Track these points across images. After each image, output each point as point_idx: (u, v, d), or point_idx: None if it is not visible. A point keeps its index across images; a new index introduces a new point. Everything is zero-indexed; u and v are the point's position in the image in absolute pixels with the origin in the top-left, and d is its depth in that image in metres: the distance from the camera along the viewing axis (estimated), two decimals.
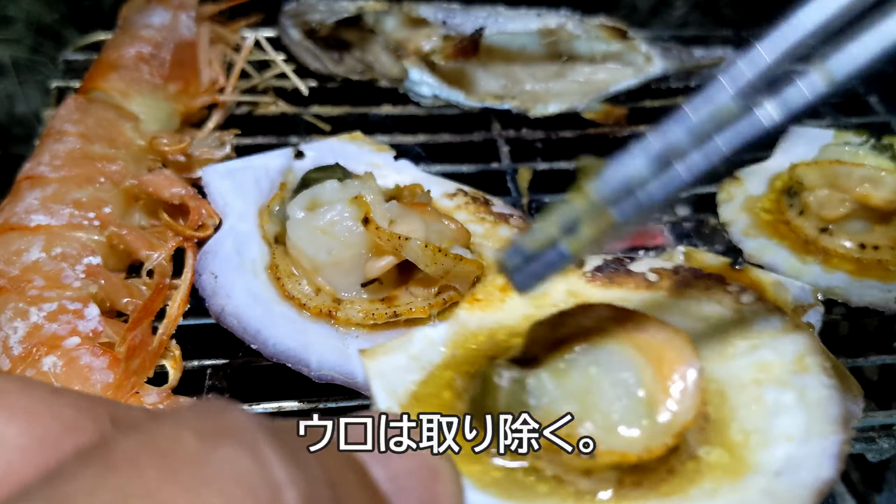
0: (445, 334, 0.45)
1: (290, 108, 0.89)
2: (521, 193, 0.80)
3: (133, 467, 0.20)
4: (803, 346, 0.41)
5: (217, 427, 0.22)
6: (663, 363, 0.39)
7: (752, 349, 0.42)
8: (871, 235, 0.70)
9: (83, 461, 0.21)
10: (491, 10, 0.88)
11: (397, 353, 0.44)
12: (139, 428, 0.22)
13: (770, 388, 0.40)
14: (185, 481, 0.20)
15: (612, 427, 0.37)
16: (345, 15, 0.88)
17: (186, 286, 0.62)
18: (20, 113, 0.94)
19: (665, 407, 0.38)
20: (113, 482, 0.20)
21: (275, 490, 0.21)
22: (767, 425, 0.39)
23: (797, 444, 0.38)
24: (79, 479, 0.20)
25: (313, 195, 0.61)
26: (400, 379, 0.42)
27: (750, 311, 0.43)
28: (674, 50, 0.93)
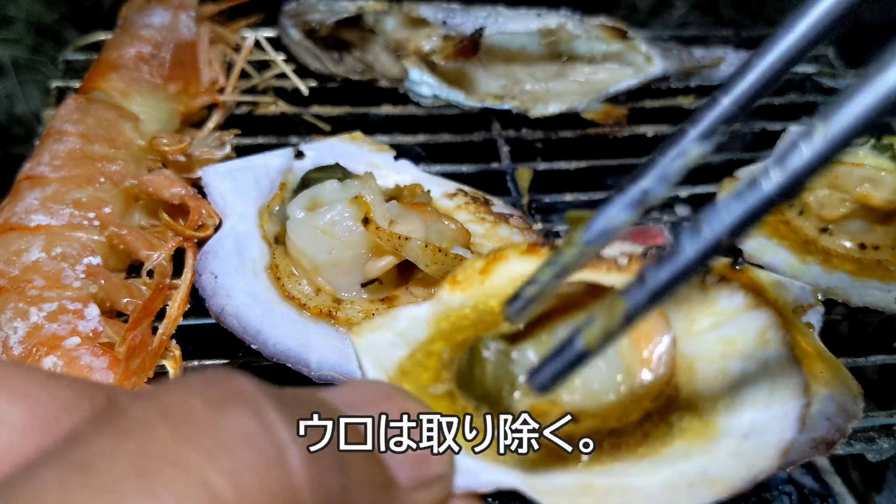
0: (429, 313, 0.47)
1: (290, 108, 0.89)
2: (521, 193, 0.81)
3: (147, 432, 0.22)
4: (765, 322, 0.44)
5: (223, 393, 0.23)
6: (639, 333, 0.42)
7: (717, 325, 0.45)
8: (872, 235, 0.70)
9: (97, 427, 0.22)
10: (491, 10, 0.88)
11: (383, 330, 0.46)
12: (149, 396, 0.23)
13: (735, 360, 0.43)
14: (197, 444, 0.21)
15: (592, 394, 0.40)
16: (345, 15, 0.88)
17: (186, 286, 0.62)
18: (20, 113, 0.94)
19: (641, 373, 0.41)
20: (129, 446, 0.21)
21: (280, 450, 0.22)
22: (734, 393, 0.42)
23: (762, 410, 0.40)
24: (95, 444, 0.21)
25: (313, 195, 0.61)
26: (387, 353, 0.44)
27: (714, 290, 0.46)
28: (674, 50, 0.93)
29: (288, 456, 0.22)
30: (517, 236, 0.68)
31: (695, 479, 0.37)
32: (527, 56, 0.90)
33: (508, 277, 0.49)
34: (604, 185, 0.92)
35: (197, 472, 0.21)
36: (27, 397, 0.25)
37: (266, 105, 0.88)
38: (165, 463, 0.21)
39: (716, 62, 0.94)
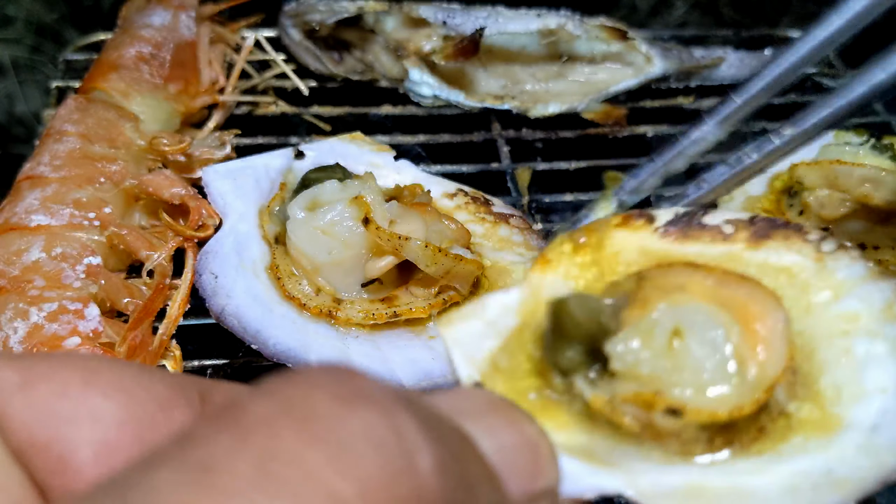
0: (519, 299, 0.43)
1: (290, 108, 0.89)
2: (521, 193, 0.81)
3: (270, 430, 0.20)
4: (891, 293, 0.39)
5: (351, 391, 0.22)
6: (748, 317, 0.38)
7: (837, 299, 0.40)
8: (872, 236, 0.70)
9: (217, 426, 0.21)
10: (491, 11, 0.88)
11: (472, 319, 0.42)
12: (271, 392, 0.22)
13: (859, 340, 0.38)
14: (323, 444, 0.20)
15: (700, 386, 0.36)
16: (345, 15, 0.88)
17: (187, 286, 0.62)
18: (20, 113, 0.94)
19: (753, 362, 0.37)
20: (251, 445, 0.20)
21: (410, 455, 0.21)
22: (859, 378, 0.38)
23: (892, 396, 0.36)
24: (215, 443, 0.20)
25: (313, 195, 0.61)
26: (477, 346, 0.41)
27: (832, 259, 0.41)
28: (674, 50, 0.93)
29: (419, 462, 0.21)
30: (517, 236, 0.68)
31: (818, 480, 0.34)
32: (527, 56, 0.90)
33: (606, 255, 0.45)
34: (604, 185, 0.92)
35: (322, 475, 0.20)
36: (121, 392, 0.24)
37: (266, 105, 0.88)
38: (290, 465, 0.20)
39: (716, 62, 0.94)
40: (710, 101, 0.94)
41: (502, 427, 0.27)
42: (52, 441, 0.23)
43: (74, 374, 0.24)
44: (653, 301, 0.39)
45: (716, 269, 0.40)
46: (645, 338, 0.38)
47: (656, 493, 0.33)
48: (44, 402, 0.23)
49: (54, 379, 0.24)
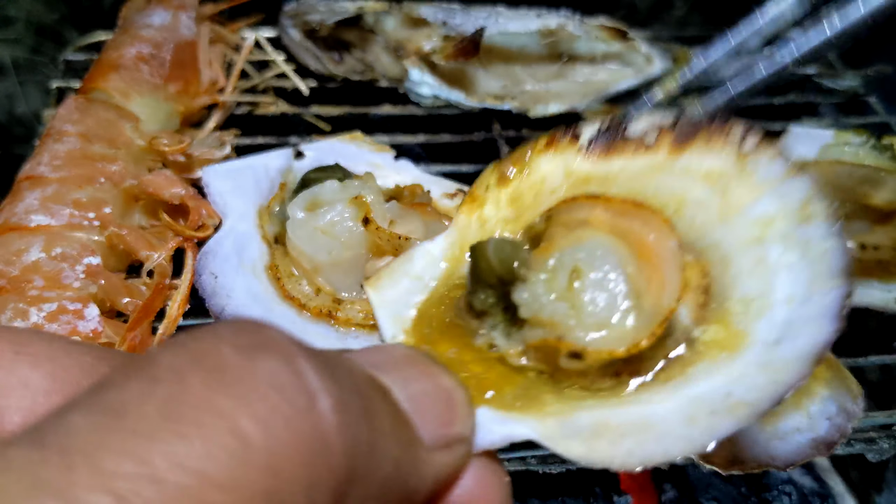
0: (444, 245, 0.43)
1: (290, 108, 0.89)
2: None
3: (178, 378, 0.22)
4: (808, 191, 0.38)
5: (254, 340, 0.23)
6: (644, 248, 0.38)
7: (755, 201, 0.39)
8: (872, 236, 0.70)
9: (127, 374, 0.22)
10: (491, 11, 0.88)
11: (399, 276, 0.42)
12: (179, 344, 0.23)
13: (773, 246, 0.37)
14: (228, 390, 0.21)
15: (598, 325, 0.37)
16: (345, 15, 0.88)
17: (186, 286, 0.62)
18: (20, 113, 0.94)
19: (649, 295, 0.37)
20: (160, 391, 0.21)
21: (311, 397, 0.22)
22: (768, 288, 0.37)
23: (797, 306, 0.35)
24: (126, 389, 0.21)
25: (313, 195, 0.61)
26: (404, 302, 0.41)
27: (753, 157, 0.40)
28: (674, 50, 0.93)
29: (318, 403, 0.22)
30: None
31: (717, 406, 0.33)
32: (527, 56, 0.90)
33: (531, 184, 0.44)
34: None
35: (228, 417, 0.21)
36: (50, 361, 0.25)
37: (266, 105, 0.88)
38: (197, 408, 0.21)
39: None
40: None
41: (416, 377, 0.28)
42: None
43: (5, 344, 0.25)
44: (557, 240, 0.40)
45: (613, 200, 0.39)
46: (547, 282, 0.38)
47: (562, 435, 0.33)
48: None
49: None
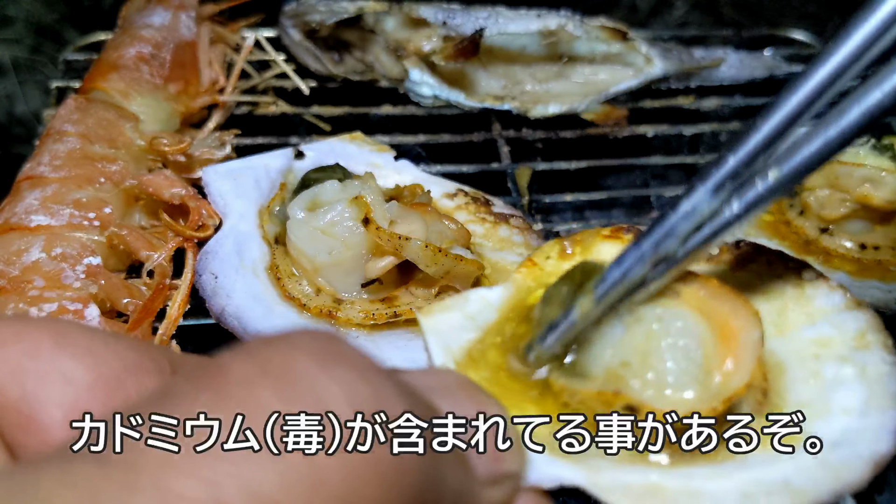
0: (501, 296, 0.44)
1: (290, 108, 0.89)
2: (521, 194, 0.80)
3: (249, 389, 0.21)
4: (865, 324, 0.41)
5: (330, 354, 0.22)
6: (726, 331, 0.39)
7: (812, 325, 0.42)
8: (872, 236, 0.70)
9: (197, 383, 0.21)
10: (491, 11, 0.88)
11: (453, 311, 0.43)
12: (251, 352, 0.22)
13: (830, 364, 0.40)
14: (302, 404, 0.20)
15: (662, 387, 0.37)
16: (345, 15, 0.88)
17: (187, 286, 0.62)
18: (20, 113, 0.94)
19: (719, 373, 0.38)
20: (230, 403, 0.20)
21: (387, 409, 0.22)
22: (825, 399, 0.39)
23: (855, 418, 0.38)
24: (194, 400, 0.20)
25: (313, 195, 0.61)
26: (455, 337, 0.42)
27: (811, 287, 0.43)
28: (674, 51, 0.93)
29: (394, 415, 0.22)
30: (517, 236, 0.68)
31: (774, 488, 0.35)
32: (527, 57, 0.90)
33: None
34: (604, 185, 0.92)
35: None
36: (92, 355, 0.24)
37: (266, 105, 0.88)
38: (266, 421, 0.20)
39: (716, 63, 0.94)
40: (711, 102, 0.94)
41: (470, 406, 0.27)
42: (22, 400, 0.23)
43: (46, 336, 0.24)
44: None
45: (711, 281, 0.41)
46: (623, 334, 0.39)
47: (615, 488, 0.34)
48: (15, 361, 0.23)
49: (25, 340, 0.24)
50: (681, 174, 0.94)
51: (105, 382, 0.24)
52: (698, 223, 0.37)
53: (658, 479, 0.35)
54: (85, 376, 0.24)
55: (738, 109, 0.94)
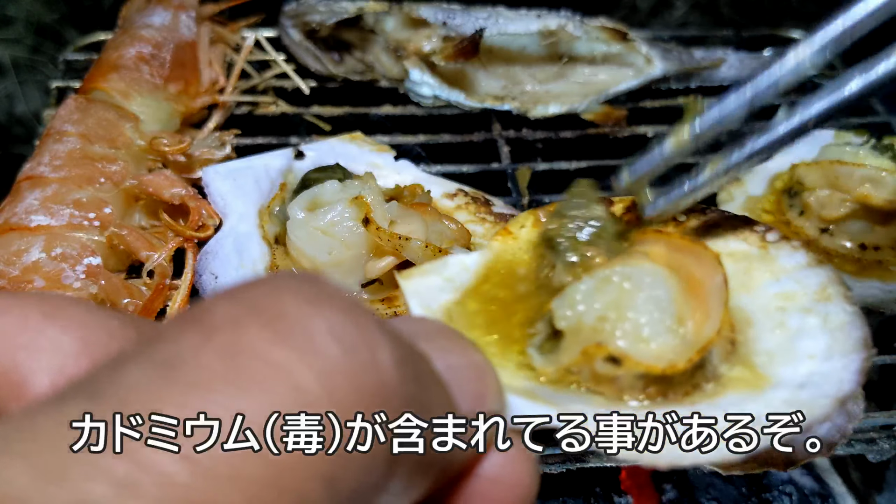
0: (478, 261, 0.46)
1: (290, 109, 0.89)
2: (522, 194, 0.81)
3: (236, 328, 0.21)
4: (826, 278, 0.43)
5: (316, 292, 0.22)
6: (692, 280, 0.40)
7: (777, 281, 0.44)
8: (872, 236, 0.70)
9: (183, 326, 0.21)
10: (491, 11, 0.88)
11: (432, 274, 0.45)
12: (236, 294, 0.22)
13: (794, 315, 0.42)
14: (289, 341, 0.21)
15: (640, 339, 0.39)
16: (345, 16, 0.88)
17: (187, 287, 0.62)
18: (20, 113, 0.94)
19: (691, 322, 0.40)
20: (218, 341, 0.20)
21: (372, 350, 0.22)
22: (791, 346, 0.41)
23: (819, 362, 0.39)
24: (182, 341, 0.21)
25: (314, 195, 0.61)
26: (434, 297, 0.44)
27: (775, 248, 0.45)
28: (674, 51, 0.93)
29: (380, 356, 0.22)
30: None
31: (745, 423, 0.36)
32: (527, 57, 0.90)
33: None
34: (604, 185, 0.92)
35: (288, 369, 0.20)
36: (79, 326, 0.25)
37: (266, 105, 0.88)
38: (256, 359, 0.20)
39: (716, 63, 0.94)
40: (710, 102, 0.94)
41: (452, 349, 0.27)
42: (10, 369, 0.24)
43: (34, 307, 0.25)
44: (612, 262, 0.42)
45: (672, 237, 0.43)
46: (596, 289, 0.40)
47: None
48: (3, 332, 0.24)
49: (14, 311, 0.25)
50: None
51: (91, 349, 0.24)
52: (799, 81, 0.40)
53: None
54: (72, 344, 0.24)
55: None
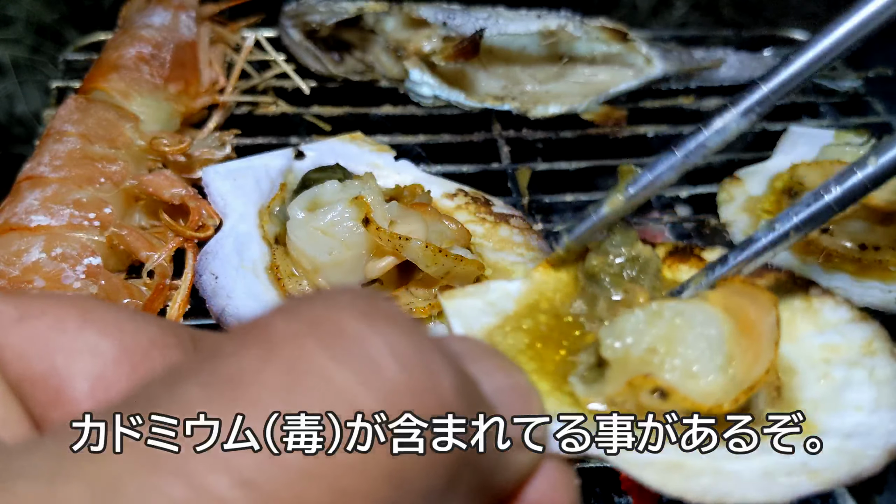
0: (520, 289, 0.47)
1: (290, 109, 0.89)
2: (522, 194, 0.80)
3: (297, 345, 0.20)
4: (871, 333, 0.44)
5: (375, 310, 0.22)
6: (746, 321, 0.41)
7: (821, 333, 0.45)
8: (872, 236, 0.70)
9: (243, 341, 0.21)
10: (491, 12, 0.88)
11: (475, 297, 0.45)
12: (295, 310, 0.22)
13: (839, 366, 0.42)
14: (350, 359, 0.20)
15: (689, 374, 0.39)
16: (345, 16, 0.88)
17: (187, 287, 0.62)
18: (20, 113, 0.94)
19: (741, 362, 0.40)
20: (278, 360, 0.20)
21: (434, 374, 0.22)
22: (836, 397, 0.41)
23: (867, 414, 0.40)
24: (242, 357, 0.20)
25: (314, 196, 0.61)
26: (476, 319, 0.44)
27: (818, 301, 0.46)
28: (674, 52, 0.93)
29: (441, 380, 0.22)
30: (517, 237, 0.68)
31: (794, 469, 0.36)
32: (527, 57, 0.90)
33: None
34: (604, 185, 0.92)
35: (349, 388, 0.20)
36: (117, 330, 0.24)
37: (266, 105, 0.88)
38: (316, 378, 0.20)
39: (716, 64, 0.94)
40: (711, 102, 0.94)
41: (497, 371, 0.27)
42: (49, 373, 0.23)
43: (71, 310, 0.24)
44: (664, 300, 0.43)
45: (732, 280, 0.44)
46: (647, 321, 0.41)
47: (637, 462, 0.35)
48: (41, 335, 0.23)
49: (51, 314, 0.24)
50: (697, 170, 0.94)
51: (131, 355, 0.24)
52: (727, 141, 0.44)
53: (678, 456, 0.36)
54: (111, 349, 0.24)
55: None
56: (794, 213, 0.43)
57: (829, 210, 0.42)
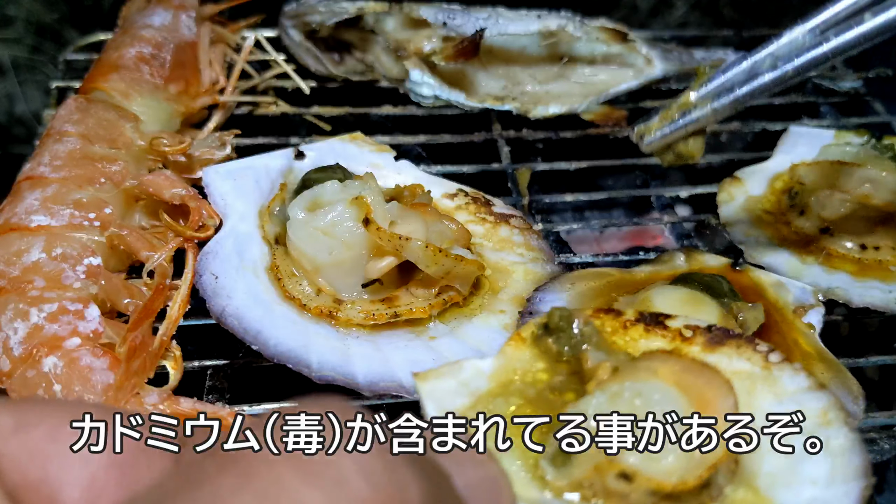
0: (493, 366, 0.48)
1: (290, 109, 0.89)
2: (522, 194, 0.81)
3: (270, 470, 0.22)
4: (826, 402, 0.46)
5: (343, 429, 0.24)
6: (703, 401, 0.42)
7: (779, 402, 0.46)
8: (872, 236, 0.70)
9: (222, 466, 0.23)
10: (491, 12, 0.88)
11: (447, 377, 0.47)
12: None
13: (796, 437, 0.43)
14: (321, 481, 0.22)
15: (652, 456, 0.40)
16: (345, 16, 0.88)
17: (187, 287, 0.62)
18: (20, 113, 0.94)
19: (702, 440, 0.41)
20: (253, 486, 0.22)
21: (402, 489, 0.23)
22: (793, 470, 0.43)
23: (821, 488, 0.42)
24: (219, 484, 0.22)
25: (314, 196, 0.61)
26: (450, 401, 0.46)
27: (778, 369, 0.47)
28: (674, 52, 0.93)
29: (409, 494, 0.23)
30: (517, 237, 0.68)
31: None
32: (527, 57, 0.90)
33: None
34: (604, 185, 0.92)
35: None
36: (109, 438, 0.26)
37: (266, 105, 0.88)
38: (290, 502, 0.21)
39: (716, 64, 0.94)
40: None
41: (467, 463, 0.29)
42: (43, 482, 0.25)
43: (66, 417, 0.26)
44: (621, 375, 0.44)
45: (684, 357, 0.45)
46: (608, 403, 0.42)
47: None
48: (36, 444, 0.25)
49: (47, 423, 0.26)
50: (681, 174, 0.94)
51: (119, 462, 0.25)
52: (795, 52, 0.49)
53: None
54: (101, 457, 0.25)
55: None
56: (795, 55, 0.48)
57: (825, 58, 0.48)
